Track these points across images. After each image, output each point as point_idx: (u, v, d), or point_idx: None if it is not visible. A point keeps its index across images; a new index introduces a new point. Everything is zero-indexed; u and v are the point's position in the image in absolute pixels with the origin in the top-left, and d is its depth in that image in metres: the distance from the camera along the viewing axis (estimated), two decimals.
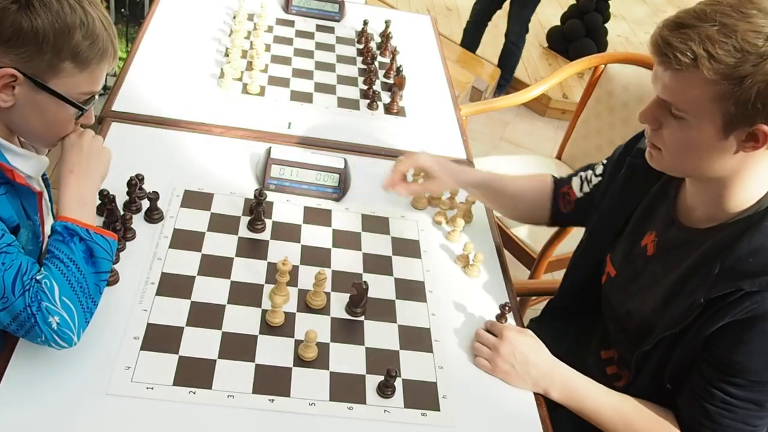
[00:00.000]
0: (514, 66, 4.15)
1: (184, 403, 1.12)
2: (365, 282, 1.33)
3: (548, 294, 1.92)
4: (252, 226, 1.47)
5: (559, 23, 4.76)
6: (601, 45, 4.62)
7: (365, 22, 2.27)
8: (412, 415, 1.19)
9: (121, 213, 1.38)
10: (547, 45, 4.81)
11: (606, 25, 4.64)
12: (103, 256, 1.13)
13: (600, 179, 1.48)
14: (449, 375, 1.28)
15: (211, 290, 1.32)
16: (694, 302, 1.14)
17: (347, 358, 1.26)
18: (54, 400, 1.08)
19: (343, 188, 1.61)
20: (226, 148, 1.69)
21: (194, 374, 1.17)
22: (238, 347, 1.23)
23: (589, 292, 1.48)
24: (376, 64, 2.14)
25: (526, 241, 2.25)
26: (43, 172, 1.27)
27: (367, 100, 1.97)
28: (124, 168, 1.45)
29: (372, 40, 2.26)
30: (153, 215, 1.43)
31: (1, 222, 1.08)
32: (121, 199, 1.42)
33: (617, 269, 1.39)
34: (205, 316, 1.27)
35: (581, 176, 1.52)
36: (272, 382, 1.18)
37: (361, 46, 2.22)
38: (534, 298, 2.32)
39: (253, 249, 1.43)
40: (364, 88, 2.02)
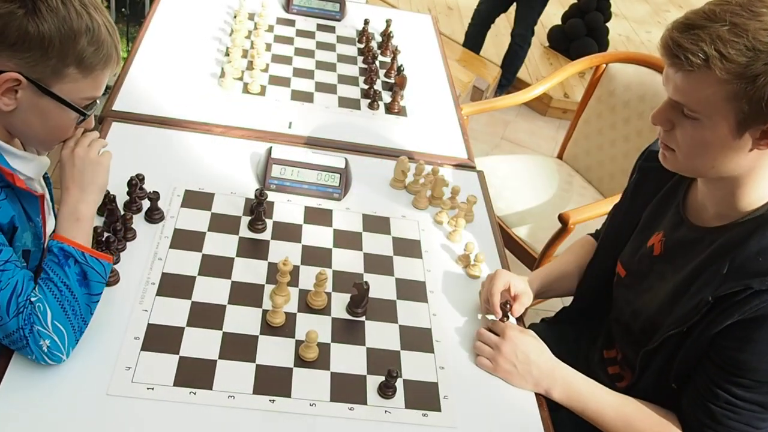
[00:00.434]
0: (518, 67, 4.14)
1: (185, 404, 1.12)
2: (366, 282, 1.33)
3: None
4: (253, 226, 1.47)
5: (560, 22, 4.75)
6: (602, 44, 4.61)
7: (366, 22, 2.27)
8: (413, 415, 1.19)
9: (122, 213, 1.38)
10: (548, 44, 4.80)
11: (607, 24, 4.64)
12: (97, 279, 1.14)
13: None
14: (450, 375, 1.28)
15: (212, 290, 1.32)
16: (702, 300, 1.14)
17: (348, 359, 1.26)
18: (54, 401, 1.08)
19: (344, 188, 1.61)
20: (227, 148, 1.69)
21: (195, 375, 1.16)
22: (239, 347, 1.22)
23: (602, 295, 1.48)
24: (377, 63, 2.13)
25: (527, 241, 2.25)
26: (44, 172, 1.27)
27: (368, 100, 1.97)
28: (125, 168, 1.45)
29: (373, 40, 2.26)
30: (153, 215, 1.43)
31: (0, 234, 1.08)
32: (121, 198, 1.42)
33: (626, 269, 1.40)
34: (206, 316, 1.26)
35: None
36: (273, 383, 1.18)
37: (362, 46, 2.22)
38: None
39: (254, 249, 1.43)
40: (365, 87, 2.02)
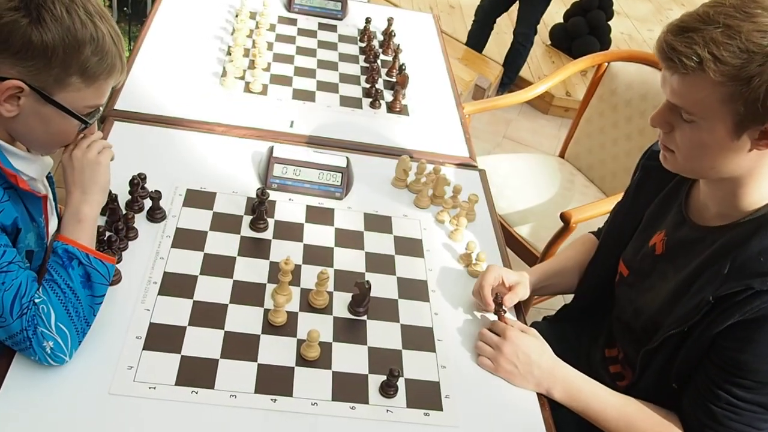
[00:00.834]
0: (520, 66, 4.12)
1: (187, 403, 1.12)
2: (368, 281, 1.33)
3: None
4: (254, 226, 1.47)
5: (562, 21, 4.74)
6: (604, 43, 4.60)
7: (368, 20, 2.27)
8: (415, 414, 1.19)
9: (124, 212, 1.38)
10: (550, 43, 4.79)
11: (609, 22, 4.63)
12: (100, 281, 1.14)
13: None
14: (452, 375, 1.28)
15: (214, 290, 1.32)
16: (703, 300, 1.14)
17: (350, 358, 1.26)
18: (56, 400, 1.08)
19: (345, 187, 1.61)
20: (229, 147, 1.69)
21: (197, 374, 1.17)
22: (241, 347, 1.23)
23: (604, 294, 1.48)
24: (379, 62, 2.13)
25: (529, 240, 2.25)
26: (48, 172, 1.27)
27: (370, 99, 1.97)
28: (127, 167, 1.45)
29: (374, 39, 2.25)
30: (155, 214, 1.43)
31: (4, 235, 1.08)
32: (123, 198, 1.42)
33: (628, 268, 1.40)
34: (208, 315, 1.27)
35: None
36: (274, 382, 1.18)
37: (364, 45, 2.22)
38: (536, 297, 2.31)
39: (256, 248, 1.43)
40: (367, 86, 2.02)
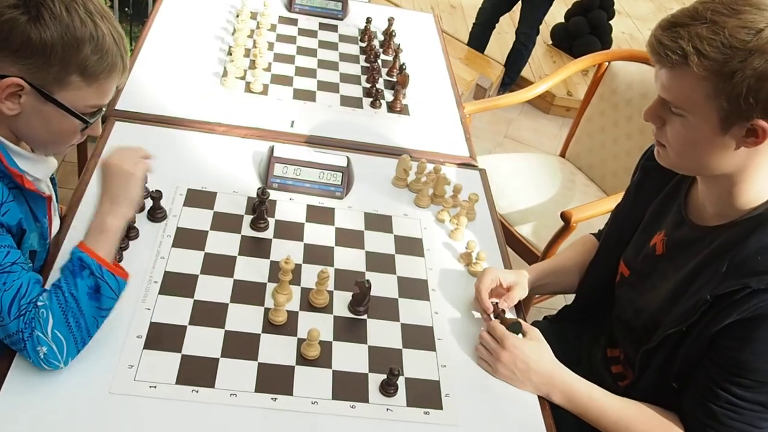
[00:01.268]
0: (521, 66, 4.12)
1: (187, 402, 1.13)
2: (368, 280, 1.33)
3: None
4: (255, 225, 1.47)
5: (563, 20, 4.74)
6: (605, 42, 4.60)
7: (368, 20, 2.27)
8: (415, 413, 1.19)
9: None
10: (551, 42, 4.79)
11: (610, 22, 4.63)
12: (109, 295, 1.13)
13: None
14: (452, 373, 1.28)
15: (214, 289, 1.32)
16: (701, 299, 1.14)
17: (350, 357, 1.26)
18: (57, 399, 1.09)
19: (346, 187, 1.61)
20: (229, 147, 1.69)
21: (197, 373, 1.17)
22: (241, 346, 1.23)
23: (604, 294, 1.48)
24: (379, 62, 2.14)
25: (530, 239, 2.25)
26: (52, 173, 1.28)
27: (370, 99, 1.97)
28: None
29: (375, 38, 2.26)
30: (156, 214, 1.43)
31: (9, 236, 1.08)
32: None
33: (629, 269, 1.40)
34: (208, 314, 1.27)
35: None
36: (275, 381, 1.19)
37: (364, 44, 2.22)
38: (537, 296, 2.31)
39: (256, 247, 1.43)
40: (367, 86, 2.02)
